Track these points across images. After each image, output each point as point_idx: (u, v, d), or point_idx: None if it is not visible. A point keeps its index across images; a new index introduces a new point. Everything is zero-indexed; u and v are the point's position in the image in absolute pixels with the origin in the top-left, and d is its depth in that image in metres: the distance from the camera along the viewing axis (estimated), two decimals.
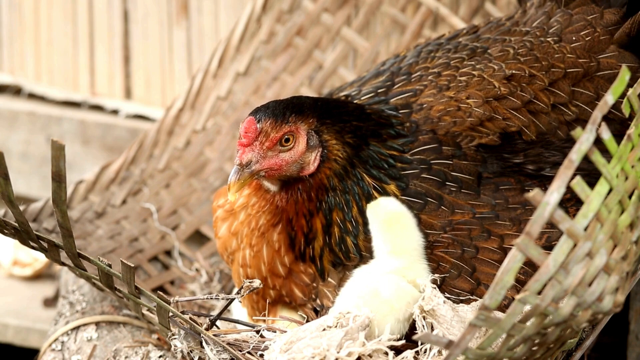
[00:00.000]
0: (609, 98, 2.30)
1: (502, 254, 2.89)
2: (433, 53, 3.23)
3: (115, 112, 4.56)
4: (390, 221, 2.88)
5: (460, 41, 3.25)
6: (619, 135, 2.41)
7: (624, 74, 2.32)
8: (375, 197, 2.93)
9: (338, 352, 2.69)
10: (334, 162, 2.94)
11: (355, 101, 3.14)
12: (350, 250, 2.94)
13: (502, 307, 2.76)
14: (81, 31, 4.57)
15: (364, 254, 2.94)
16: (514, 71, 3.08)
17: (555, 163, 3.02)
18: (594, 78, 3.09)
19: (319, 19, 3.99)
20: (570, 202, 2.95)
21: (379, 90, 3.15)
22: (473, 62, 3.14)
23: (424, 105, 3.07)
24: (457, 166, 2.98)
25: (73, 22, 4.57)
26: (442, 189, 2.96)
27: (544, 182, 2.99)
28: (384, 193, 2.94)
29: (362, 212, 2.93)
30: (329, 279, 2.97)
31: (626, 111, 2.44)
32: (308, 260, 2.97)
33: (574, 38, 3.13)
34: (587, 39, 3.12)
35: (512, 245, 2.83)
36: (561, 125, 3.06)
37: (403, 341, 2.79)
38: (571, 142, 3.05)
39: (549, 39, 3.13)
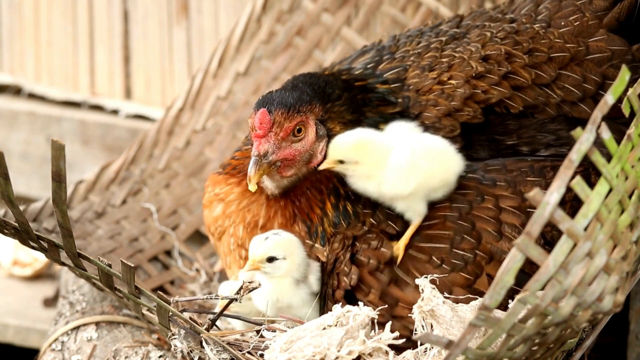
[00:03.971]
0: (609, 98, 2.30)
1: (496, 211, 2.93)
2: (412, 38, 3.31)
3: (115, 112, 4.56)
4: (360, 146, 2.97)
5: (442, 28, 3.32)
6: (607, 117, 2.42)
7: (624, 74, 2.32)
8: None
9: (338, 351, 2.69)
10: None
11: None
12: (350, 215, 3.01)
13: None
14: (81, 31, 4.58)
15: (354, 219, 3.00)
16: (490, 52, 3.14)
17: (549, 144, 3.08)
18: (583, 62, 3.13)
19: (319, 19, 3.99)
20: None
21: (369, 66, 3.23)
22: (453, 46, 3.20)
23: (411, 87, 3.14)
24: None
25: (73, 22, 4.57)
26: None
27: (540, 162, 3.04)
28: None
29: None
30: (319, 245, 3.04)
31: (626, 111, 2.44)
32: (315, 236, 3.05)
33: (562, 23, 3.17)
34: (575, 24, 3.16)
35: (507, 207, 2.92)
36: (550, 103, 3.10)
37: (403, 340, 2.79)
38: (563, 124, 3.11)
39: (535, 26, 3.18)
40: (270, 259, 2.95)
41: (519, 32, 3.16)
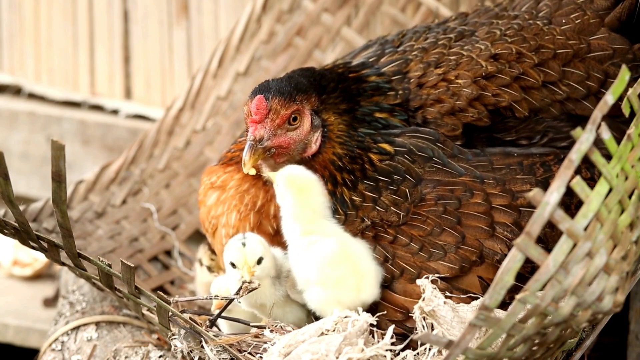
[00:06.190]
0: (609, 98, 2.30)
1: (486, 205, 2.92)
2: (419, 33, 3.30)
3: (115, 112, 4.56)
4: (301, 188, 2.92)
5: (449, 25, 3.31)
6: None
7: (624, 74, 2.32)
8: (375, 152, 3.01)
9: (337, 358, 2.68)
10: (336, 139, 3.03)
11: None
12: (348, 205, 3.00)
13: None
14: (81, 31, 4.58)
15: (352, 212, 2.98)
16: (500, 50, 3.14)
17: (544, 133, 3.08)
18: (585, 59, 3.14)
19: (319, 19, 3.99)
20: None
21: (370, 59, 3.24)
22: (461, 43, 3.20)
23: (412, 80, 3.13)
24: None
25: (73, 22, 4.57)
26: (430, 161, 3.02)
27: (529, 158, 3.02)
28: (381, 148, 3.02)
29: (363, 168, 3.00)
30: None
31: (626, 111, 2.44)
32: None
33: (563, 21, 3.18)
34: (576, 21, 3.17)
35: (498, 205, 2.90)
36: (554, 103, 3.11)
37: (402, 345, 2.78)
38: (564, 121, 3.11)
39: (538, 22, 3.18)
40: (260, 260, 2.93)
41: (524, 28, 3.16)
